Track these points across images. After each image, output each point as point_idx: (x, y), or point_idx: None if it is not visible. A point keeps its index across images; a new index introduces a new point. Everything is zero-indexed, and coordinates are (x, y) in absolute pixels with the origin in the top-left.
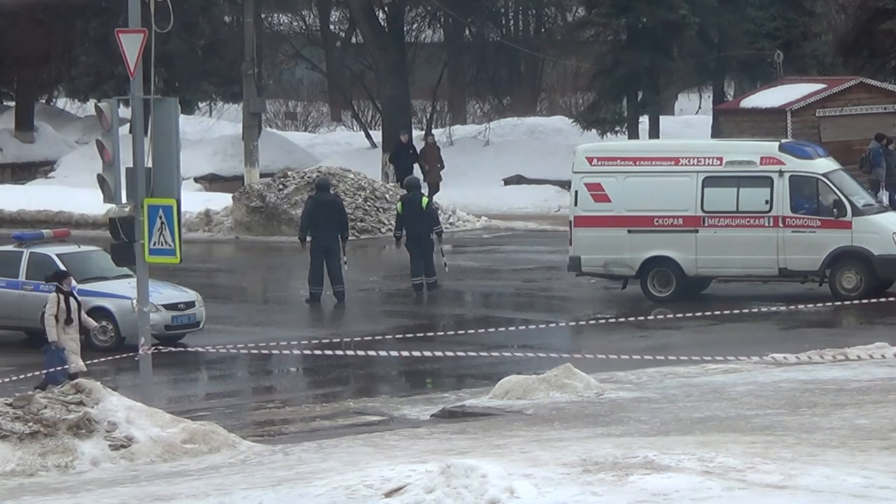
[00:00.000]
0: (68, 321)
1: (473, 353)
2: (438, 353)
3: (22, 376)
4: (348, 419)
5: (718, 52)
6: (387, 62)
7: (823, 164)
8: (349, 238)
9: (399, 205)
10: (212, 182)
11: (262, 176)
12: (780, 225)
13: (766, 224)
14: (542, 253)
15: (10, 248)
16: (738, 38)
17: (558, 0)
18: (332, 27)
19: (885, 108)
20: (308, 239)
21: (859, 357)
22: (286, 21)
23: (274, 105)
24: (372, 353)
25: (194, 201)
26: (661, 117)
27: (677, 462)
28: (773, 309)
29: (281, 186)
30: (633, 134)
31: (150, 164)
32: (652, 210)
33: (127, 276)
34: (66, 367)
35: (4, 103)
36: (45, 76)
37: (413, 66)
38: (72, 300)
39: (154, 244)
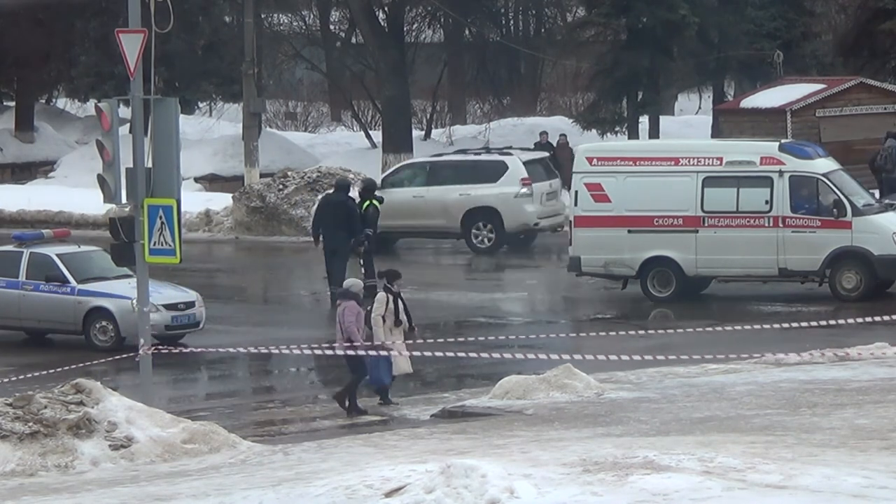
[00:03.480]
0: (397, 322)
1: (474, 354)
2: (439, 354)
3: (23, 376)
4: (348, 419)
5: (718, 52)
6: (387, 62)
7: (823, 164)
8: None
9: (378, 203)
10: (212, 182)
11: (262, 176)
12: (780, 225)
13: (766, 224)
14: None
15: (10, 248)
16: (738, 38)
17: (558, 0)
18: (332, 27)
19: (885, 108)
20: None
21: (860, 355)
22: (286, 21)
23: (274, 105)
24: (373, 352)
25: (194, 201)
26: (661, 117)
27: (677, 462)
28: (773, 309)
29: (281, 186)
30: (633, 134)
31: (150, 164)
32: (652, 210)
33: (127, 276)
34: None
35: (4, 103)
36: (45, 76)
37: (413, 66)
38: (399, 301)
39: (154, 244)
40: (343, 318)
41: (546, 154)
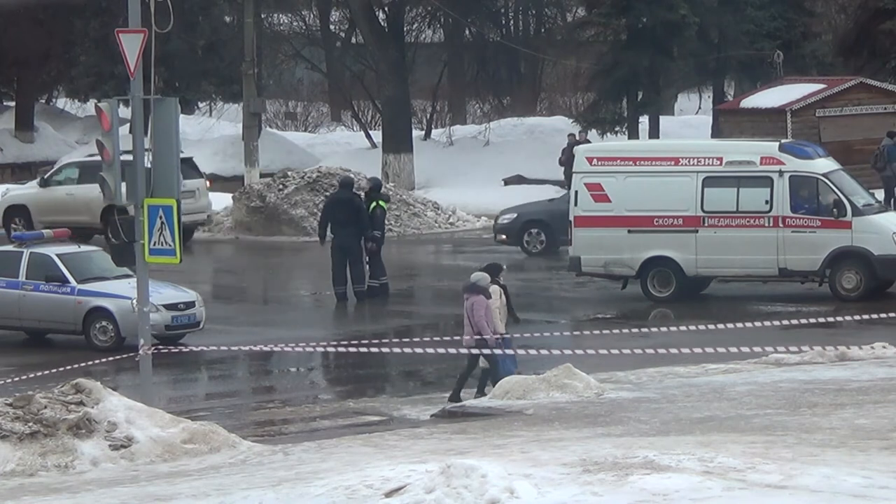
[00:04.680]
0: (508, 314)
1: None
2: (441, 351)
3: (24, 376)
4: (348, 419)
5: (718, 52)
6: (387, 62)
7: (823, 164)
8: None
9: (384, 203)
10: (212, 182)
11: (262, 176)
12: (780, 225)
13: (766, 224)
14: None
15: (10, 248)
16: (738, 38)
17: (558, 0)
18: (332, 27)
19: (885, 108)
20: (331, 237)
21: (860, 355)
22: (286, 21)
23: (274, 105)
24: (375, 349)
25: None
26: (661, 117)
27: (677, 462)
28: (773, 309)
29: (281, 186)
30: (633, 134)
31: (150, 164)
32: (652, 210)
33: (127, 276)
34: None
35: (4, 103)
36: (45, 76)
37: (413, 66)
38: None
39: (154, 244)
40: (473, 312)
41: (190, 156)
